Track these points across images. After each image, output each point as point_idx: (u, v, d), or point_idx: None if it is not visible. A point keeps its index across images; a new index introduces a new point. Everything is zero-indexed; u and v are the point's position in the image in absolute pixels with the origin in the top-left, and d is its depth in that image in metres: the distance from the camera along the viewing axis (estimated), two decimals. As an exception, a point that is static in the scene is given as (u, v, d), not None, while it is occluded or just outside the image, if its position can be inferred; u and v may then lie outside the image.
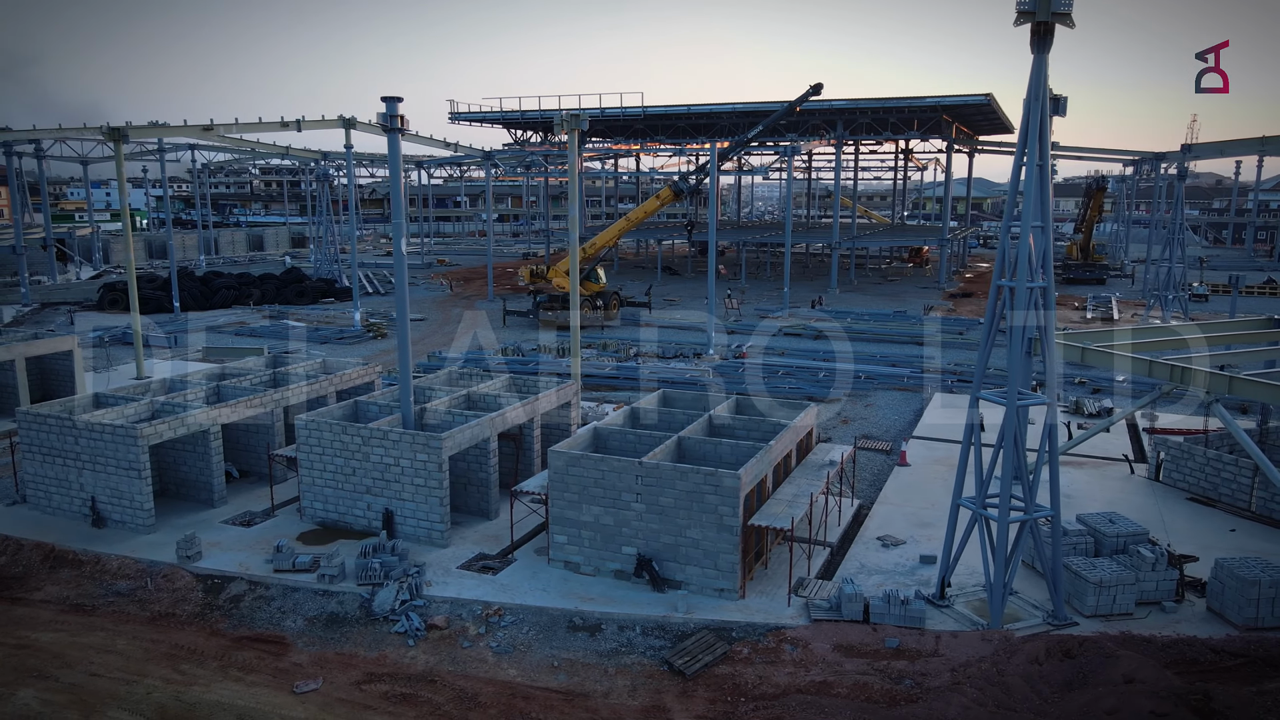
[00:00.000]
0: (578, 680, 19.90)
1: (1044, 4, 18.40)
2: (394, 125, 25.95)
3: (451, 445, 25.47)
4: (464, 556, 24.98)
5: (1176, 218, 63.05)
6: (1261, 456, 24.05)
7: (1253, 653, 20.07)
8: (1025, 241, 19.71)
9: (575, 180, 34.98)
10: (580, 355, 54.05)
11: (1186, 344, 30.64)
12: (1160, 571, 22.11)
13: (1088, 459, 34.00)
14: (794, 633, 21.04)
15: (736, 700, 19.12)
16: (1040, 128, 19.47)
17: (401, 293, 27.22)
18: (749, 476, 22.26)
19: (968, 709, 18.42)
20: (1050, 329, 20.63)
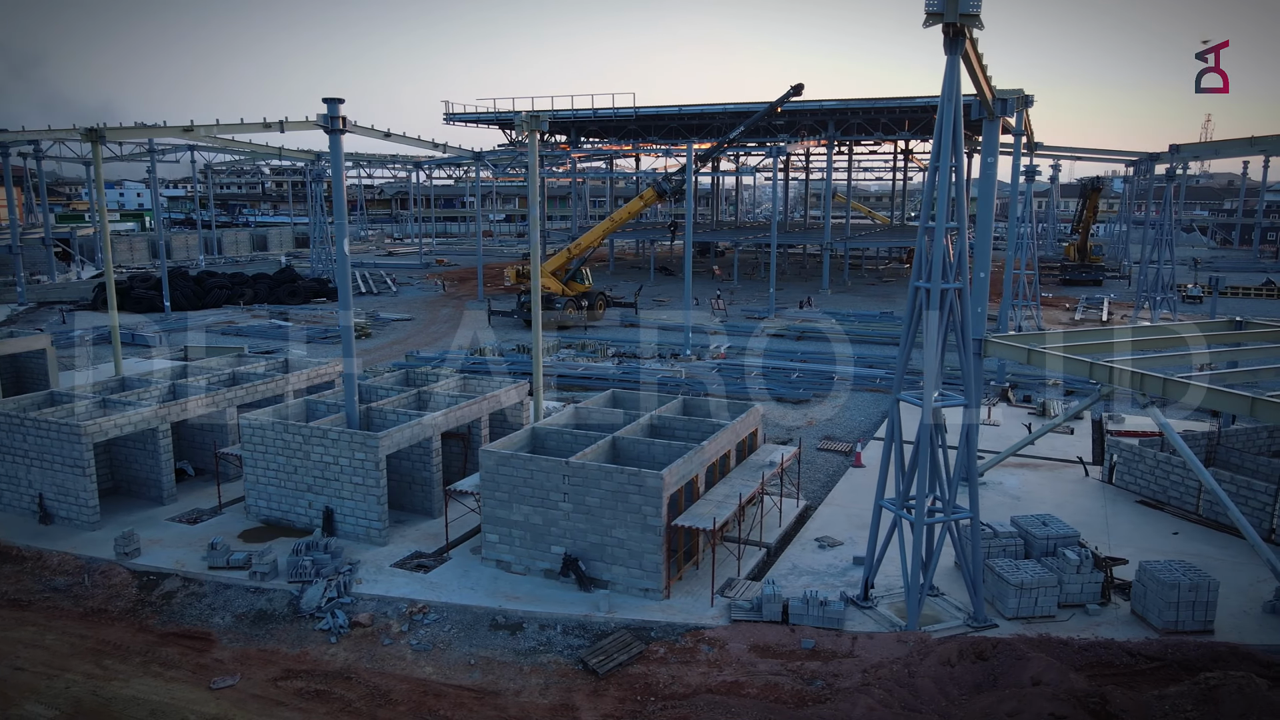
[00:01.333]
0: (492, 678, 20.04)
1: (951, 6, 18.35)
2: (334, 126, 26.18)
3: (390, 444, 25.67)
4: (400, 554, 25.18)
5: (1165, 219, 62.52)
6: (1194, 459, 23.88)
7: (1169, 656, 19.97)
8: (939, 243, 19.67)
9: (534, 180, 35.08)
10: (558, 355, 54.30)
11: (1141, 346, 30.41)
12: (1085, 574, 22.02)
13: (1045, 461, 33.88)
14: (712, 633, 21.09)
15: (646, 700, 19.20)
16: (954, 129, 19.42)
17: (345, 294, 27.45)
18: (673, 477, 22.32)
19: (873, 710, 18.44)
20: (967, 331, 20.58)
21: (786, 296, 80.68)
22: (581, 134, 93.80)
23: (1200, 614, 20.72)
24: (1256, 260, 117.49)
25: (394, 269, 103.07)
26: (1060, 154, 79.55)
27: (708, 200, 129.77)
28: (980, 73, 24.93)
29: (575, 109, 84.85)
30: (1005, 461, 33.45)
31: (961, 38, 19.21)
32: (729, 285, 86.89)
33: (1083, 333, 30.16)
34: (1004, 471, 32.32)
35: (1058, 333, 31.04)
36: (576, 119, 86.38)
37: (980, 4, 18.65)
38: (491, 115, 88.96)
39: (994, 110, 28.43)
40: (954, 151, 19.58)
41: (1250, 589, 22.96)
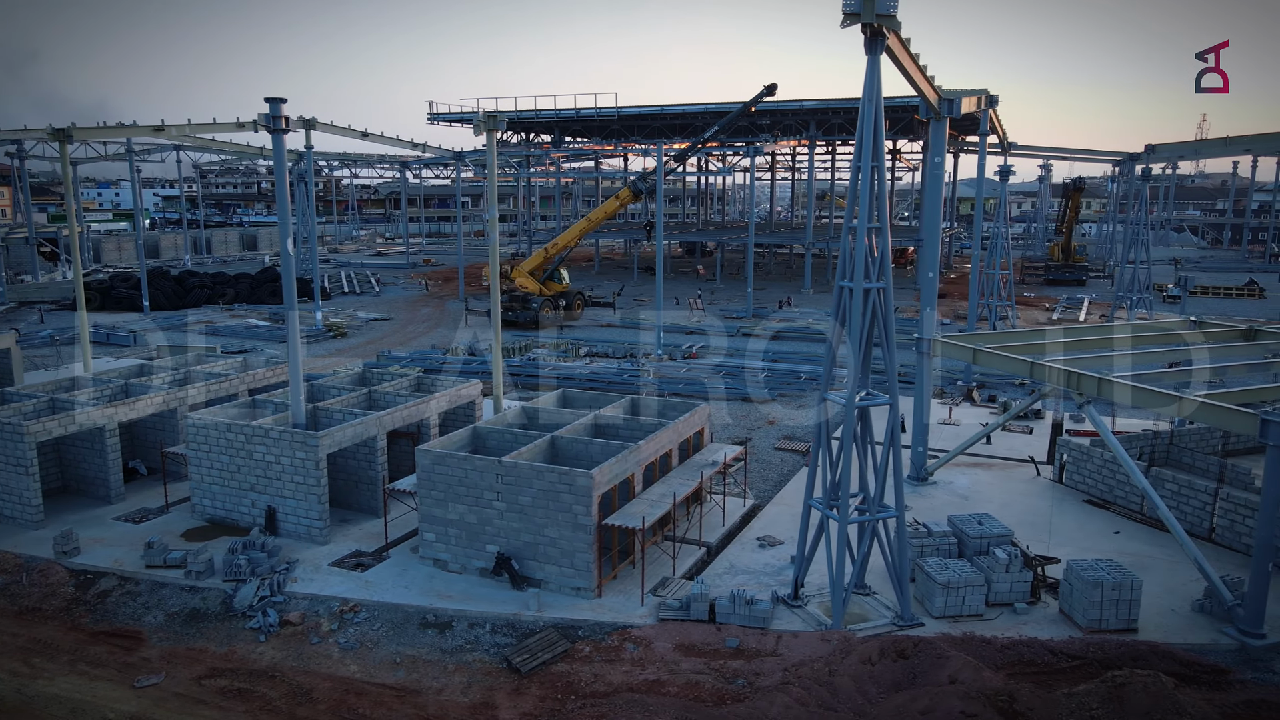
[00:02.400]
0: (415, 677, 20.09)
1: (868, 6, 18.39)
2: (277, 126, 26.22)
3: (330, 443, 25.73)
4: (340, 553, 25.24)
5: (1141, 219, 62.52)
6: (1126, 457, 23.93)
7: (1090, 655, 20.02)
8: (860, 243, 19.71)
9: (493, 180, 35.05)
10: (529, 354, 54.34)
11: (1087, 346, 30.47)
12: (1014, 573, 22.06)
13: (999, 461, 33.91)
14: (639, 632, 21.14)
15: (566, 698, 19.26)
16: (875, 130, 19.46)
17: (289, 293, 27.47)
18: (604, 476, 22.37)
19: (789, 708, 18.48)
20: (890, 329, 20.62)
21: (769, 296, 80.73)
22: (565, 134, 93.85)
23: (1124, 613, 20.77)
24: (1244, 260, 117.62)
25: (380, 269, 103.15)
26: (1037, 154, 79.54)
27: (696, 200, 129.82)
28: (918, 73, 24.97)
29: (558, 109, 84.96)
30: (960, 461, 33.54)
31: (881, 38, 19.25)
32: (711, 285, 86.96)
33: (1028, 332, 30.21)
34: (956, 471, 32.36)
35: (1008, 332, 31.10)
36: (559, 119, 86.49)
37: (896, 5, 18.69)
38: (474, 115, 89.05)
39: (940, 111, 28.46)
40: (875, 153, 19.62)
41: (1183, 588, 23.01)
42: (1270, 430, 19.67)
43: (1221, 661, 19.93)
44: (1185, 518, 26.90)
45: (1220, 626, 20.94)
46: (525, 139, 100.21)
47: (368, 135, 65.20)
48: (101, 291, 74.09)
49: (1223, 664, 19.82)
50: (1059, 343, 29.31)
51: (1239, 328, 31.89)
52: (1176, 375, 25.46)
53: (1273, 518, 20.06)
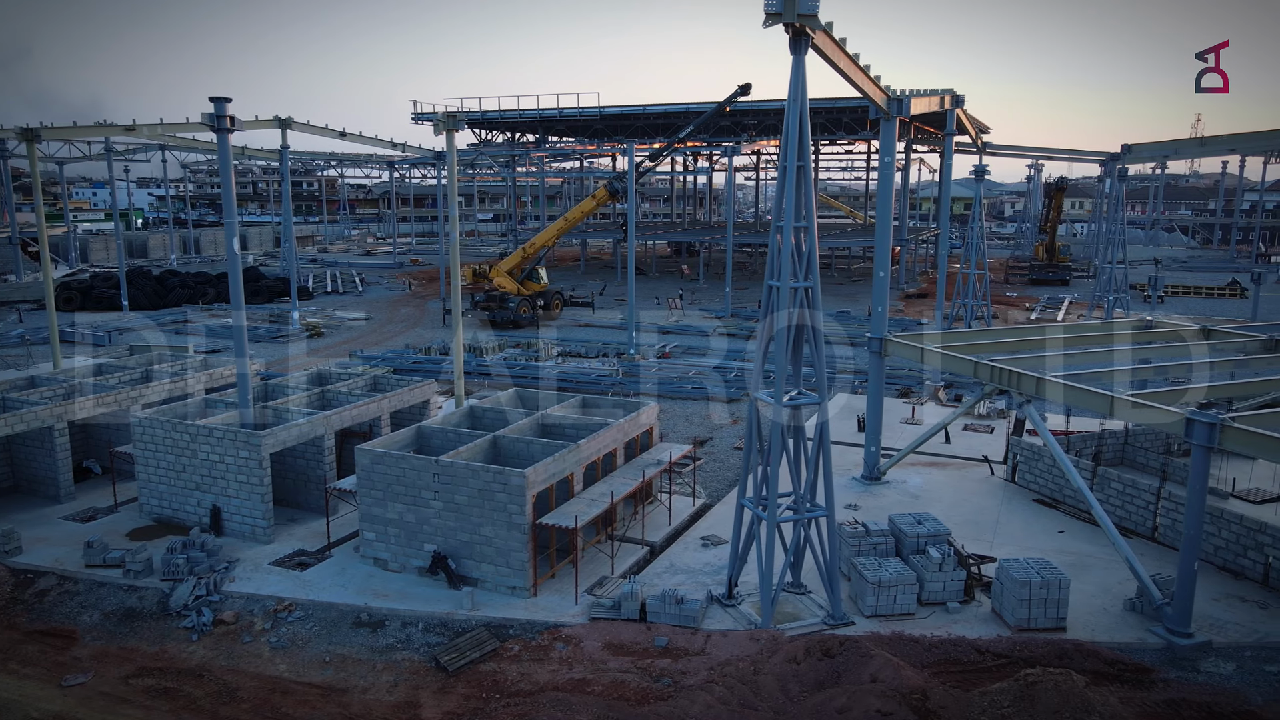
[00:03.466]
0: (343, 676, 20.13)
1: (790, 6, 18.42)
2: (222, 126, 26.25)
3: (274, 442, 25.77)
4: (283, 552, 25.27)
5: (1114, 219, 62.59)
6: (1063, 456, 23.97)
7: (1016, 654, 20.06)
8: (786, 240, 19.74)
9: (453, 179, 35.14)
10: (502, 354, 54.36)
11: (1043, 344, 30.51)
12: (947, 572, 22.10)
13: (955, 460, 33.94)
14: (570, 631, 21.17)
15: (491, 697, 19.30)
16: (799, 129, 19.48)
17: (236, 293, 27.51)
18: (539, 476, 22.41)
19: (711, 706, 18.54)
20: (819, 329, 20.64)
21: (751, 296, 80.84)
22: (550, 133, 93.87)
23: (1052, 611, 20.81)
24: (1232, 260, 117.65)
25: (367, 268, 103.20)
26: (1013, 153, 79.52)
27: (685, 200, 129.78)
28: (858, 73, 24.99)
29: (541, 109, 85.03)
30: (917, 461, 33.61)
31: (804, 38, 19.28)
32: (694, 285, 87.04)
33: (980, 332, 30.25)
34: (911, 470, 32.39)
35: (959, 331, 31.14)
36: (543, 118, 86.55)
37: (818, 5, 18.72)
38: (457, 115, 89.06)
39: (889, 110, 28.47)
40: (800, 153, 19.65)
41: (1118, 587, 23.05)
42: (1195, 429, 19.71)
43: (1147, 660, 19.97)
44: (1130, 517, 26.97)
45: (1149, 625, 20.99)
46: (512, 139, 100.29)
47: (345, 135, 65.35)
48: (82, 291, 74.06)
49: (1147, 663, 19.86)
50: (1009, 342, 29.36)
51: (1193, 327, 31.92)
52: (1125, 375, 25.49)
53: (1199, 516, 20.10)
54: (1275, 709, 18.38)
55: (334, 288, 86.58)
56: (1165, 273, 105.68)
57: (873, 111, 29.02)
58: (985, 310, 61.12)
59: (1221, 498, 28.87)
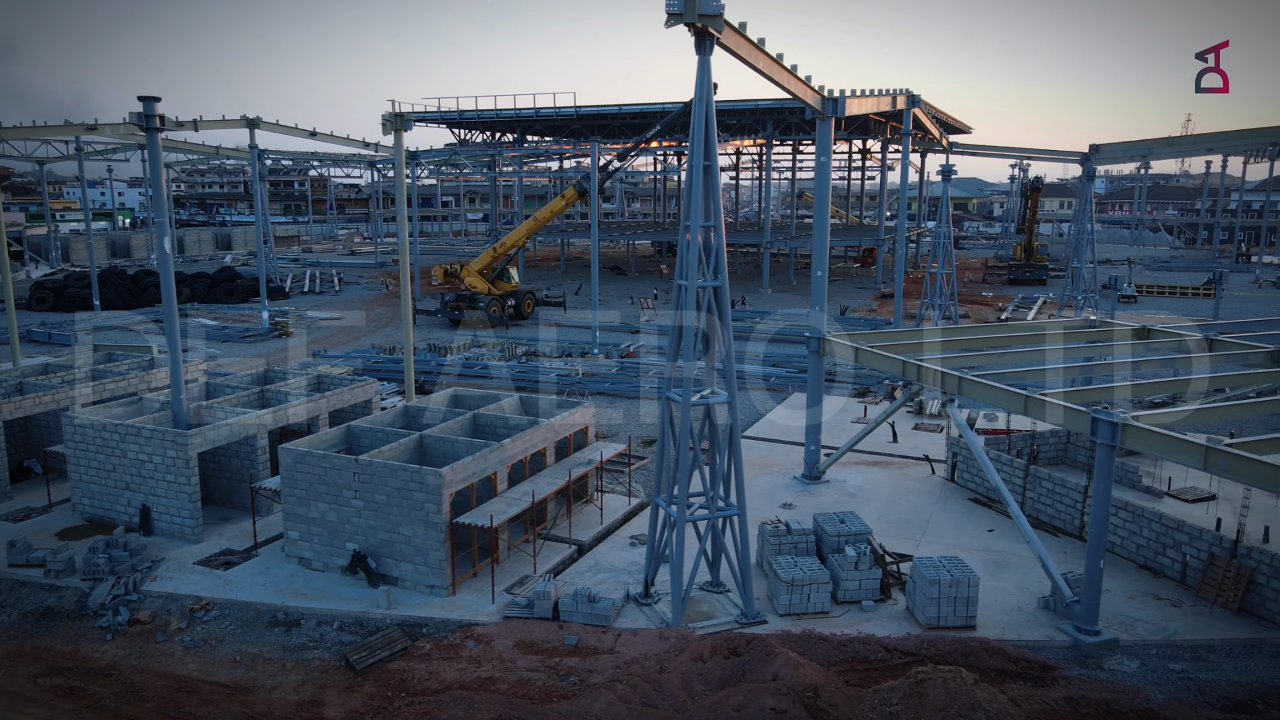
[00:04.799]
0: (252, 675, 20.14)
1: (691, 7, 18.47)
2: (151, 125, 26.25)
3: (201, 442, 25.79)
4: (210, 551, 25.30)
5: (1082, 219, 62.69)
6: (982, 454, 24.06)
7: (923, 652, 20.12)
8: (694, 240, 19.79)
9: (400, 179, 35.20)
10: (466, 354, 54.37)
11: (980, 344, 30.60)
12: (863, 571, 22.16)
13: (897, 459, 34.01)
14: (483, 630, 21.21)
15: (396, 695, 19.32)
16: (705, 129, 19.53)
17: (169, 294, 27.48)
18: (456, 475, 22.44)
19: (612, 705, 18.57)
20: (728, 328, 20.70)
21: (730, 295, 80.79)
22: (528, 133, 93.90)
23: (962, 609, 20.87)
24: (1214, 259, 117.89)
25: (348, 268, 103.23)
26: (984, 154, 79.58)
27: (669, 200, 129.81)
28: (782, 73, 25.03)
29: (518, 108, 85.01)
30: (860, 460, 33.71)
31: (708, 38, 19.33)
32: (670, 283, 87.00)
33: (916, 331, 30.32)
34: (851, 469, 32.46)
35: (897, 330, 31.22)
36: (519, 118, 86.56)
37: (721, 6, 18.76)
38: (436, 115, 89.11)
39: (824, 111, 28.53)
40: (707, 153, 19.70)
41: (1036, 585, 23.09)
42: (1099, 428, 19.79)
43: (1052, 658, 20.04)
44: (1060, 515, 27.06)
45: (1060, 623, 21.06)
46: (493, 139, 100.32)
47: (316, 134, 65.27)
48: (55, 290, 74.00)
49: (1052, 660, 19.93)
50: (946, 341, 29.44)
51: (1132, 327, 32.02)
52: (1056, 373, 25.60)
53: (1104, 515, 20.19)
54: (1174, 707, 18.46)
55: (311, 287, 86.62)
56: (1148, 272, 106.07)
57: (809, 111, 29.08)
58: (953, 310, 61.30)
59: (1156, 496, 29.00)
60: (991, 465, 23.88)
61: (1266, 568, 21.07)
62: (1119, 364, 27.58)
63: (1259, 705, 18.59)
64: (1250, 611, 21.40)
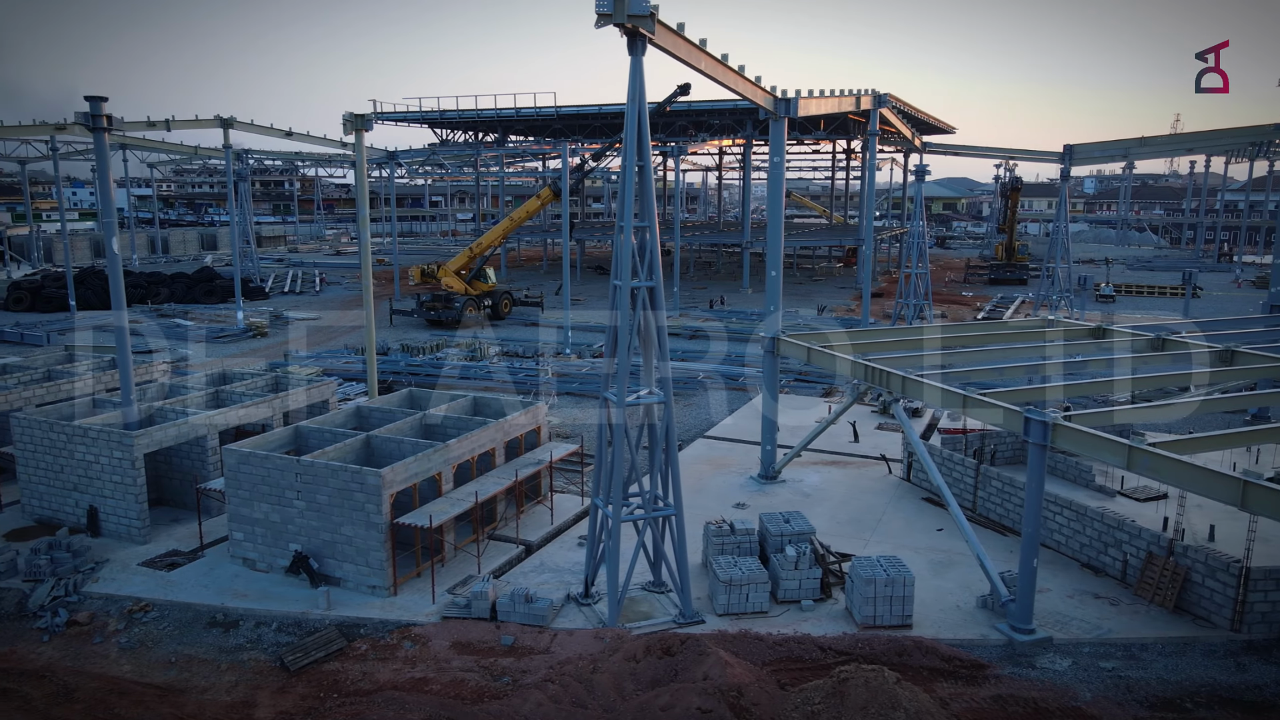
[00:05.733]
0: (186, 676, 20.11)
1: (620, 7, 18.47)
2: (99, 125, 26.17)
3: (148, 443, 25.74)
4: (157, 552, 25.24)
5: (1059, 219, 62.94)
6: (924, 453, 24.14)
7: (857, 651, 20.16)
8: (627, 241, 19.81)
9: (362, 179, 35.17)
10: (436, 354, 54.32)
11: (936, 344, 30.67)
12: (803, 571, 22.20)
13: (856, 459, 34.07)
14: (420, 630, 21.21)
15: (328, 696, 19.30)
16: (639, 130, 19.54)
17: (118, 295, 27.39)
18: (397, 475, 22.44)
19: (541, 705, 18.56)
20: (663, 328, 20.72)
21: (709, 295, 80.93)
22: (509, 133, 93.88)
23: (898, 609, 20.93)
24: (1198, 259, 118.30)
25: (331, 268, 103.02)
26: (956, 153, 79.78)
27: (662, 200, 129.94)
28: (730, 75, 25.06)
29: (499, 108, 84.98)
30: (818, 459, 33.78)
31: (640, 39, 19.33)
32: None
33: (866, 332, 30.39)
34: (809, 469, 32.52)
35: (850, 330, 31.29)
36: (500, 118, 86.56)
37: (649, 6, 18.77)
38: (418, 114, 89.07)
39: (776, 111, 28.57)
40: (640, 153, 19.72)
41: (978, 584, 23.13)
42: (1031, 428, 19.87)
43: (985, 657, 20.11)
44: (1009, 514, 27.15)
45: (995, 622, 21.13)
46: (477, 138, 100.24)
47: (292, 134, 65.21)
48: (32, 291, 73.78)
49: (984, 659, 19.99)
50: (899, 341, 29.51)
51: (1089, 326, 32.14)
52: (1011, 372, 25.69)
53: (1036, 514, 20.26)
54: (1102, 705, 18.53)
55: (292, 287, 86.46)
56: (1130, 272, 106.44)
57: (763, 112, 29.13)
58: (928, 309, 61.45)
59: (1109, 495, 29.12)
60: (933, 463, 23.97)
61: (1202, 566, 21.17)
62: (1069, 364, 27.65)
63: (1187, 704, 18.68)
64: (1186, 610, 21.50)
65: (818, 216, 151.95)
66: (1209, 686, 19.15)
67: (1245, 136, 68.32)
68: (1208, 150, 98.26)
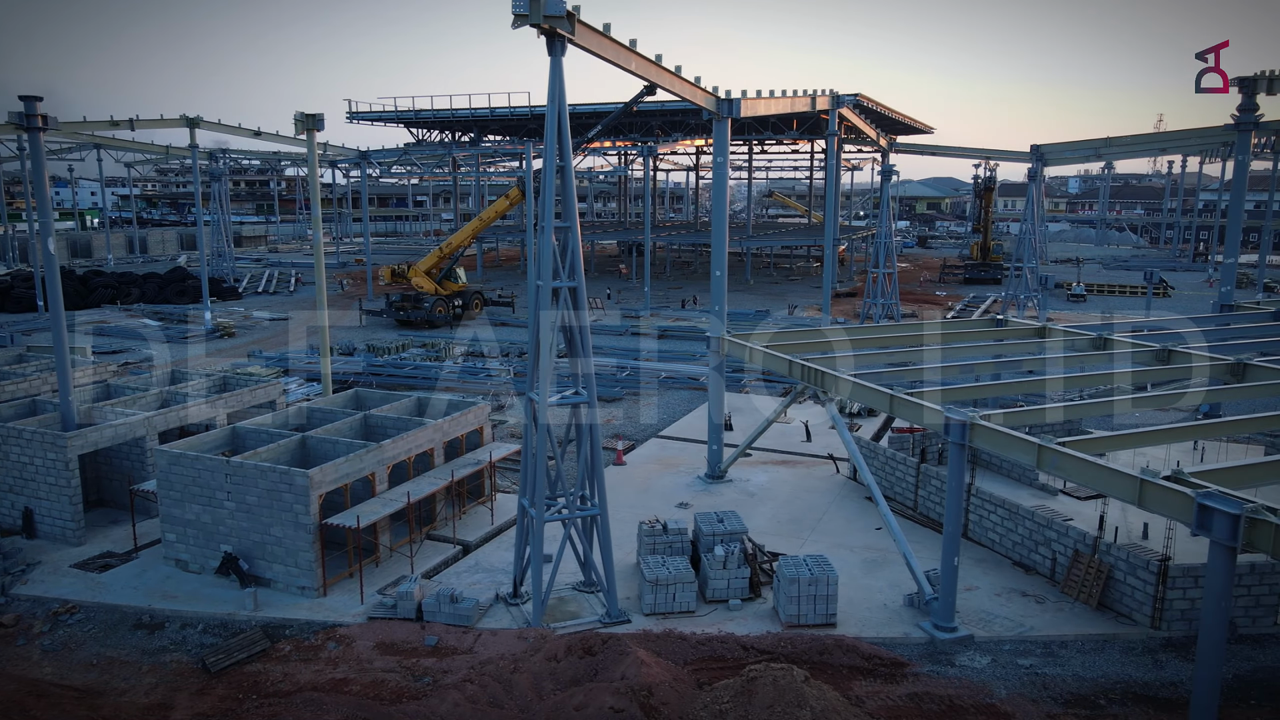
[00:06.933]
0: (106, 678, 20.02)
1: (536, 8, 18.49)
2: (33, 125, 26.06)
3: (82, 444, 25.62)
4: (90, 554, 25.13)
5: (1028, 219, 63.22)
6: (855, 450, 24.23)
7: (779, 650, 20.23)
8: (548, 241, 19.82)
9: (314, 179, 35.08)
10: (400, 355, 54.21)
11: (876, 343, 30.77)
12: (732, 570, 22.26)
13: (805, 458, 34.15)
14: (345, 631, 21.18)
15: (247, 697, 19.25)
16: (559, 129, 19.55)
17: (55, 295, 27.26)
18: (326, 476, 22.40)
19: (458, 705, 18.59)
20: (585, 328, 20.75)
21: (683, 295, 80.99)
22: (484, 133, 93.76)
23: (822, 608, 21.00)
24: (1174, 259, 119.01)
25: (307, 268, 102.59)
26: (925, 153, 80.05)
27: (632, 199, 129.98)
28: (668, 75, 25.10)
29: (473, 108, 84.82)
30: (768, 459, 33.86)
31: (558, 39, 19.34)
32: (629, 284, 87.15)
33: (807, 332, 30.48)
34: (757, 469, 32.59)
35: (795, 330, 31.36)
36: (475, 118, 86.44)
37: (564, 7, 18.79)
38: (393, 114, 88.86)
39: (719, 112, 28.63)
40: (560, 153, 19.73)
41: (909, 584, 23.21)
42: (951, 427, 19.97)
43: (906, 655, 20.20)
44: (947, 514, 27.21)
45: (919, 620, 21.23)
46: (453, 138, 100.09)
47: (260, 134, 65.06)
48: (2, 291, 73.36)
49: (905, 657, 20.09)
50: (839, 341, 29.59)
51: (1034, 326, 32.29)
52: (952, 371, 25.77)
53: (957, 513, 20.38)
54: (1016, 701, 18.64)
55: (266, 287, 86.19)
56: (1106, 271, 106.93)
57: (706, 112, 29.18)
58: (895, 309, 61.65)
59: (1051, 494, 29.26)
60: (863, 461, 24.10)
61: (1124, 563, 21.32)
62: (1007, 363, 27.79)
63: (1101, 700, 18.81)
64: (1109, 607, 21.65)
65: (800, 216, 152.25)
66: (1124, 683, 19.29)
67: (1213, 137, 68.77)
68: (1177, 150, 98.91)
